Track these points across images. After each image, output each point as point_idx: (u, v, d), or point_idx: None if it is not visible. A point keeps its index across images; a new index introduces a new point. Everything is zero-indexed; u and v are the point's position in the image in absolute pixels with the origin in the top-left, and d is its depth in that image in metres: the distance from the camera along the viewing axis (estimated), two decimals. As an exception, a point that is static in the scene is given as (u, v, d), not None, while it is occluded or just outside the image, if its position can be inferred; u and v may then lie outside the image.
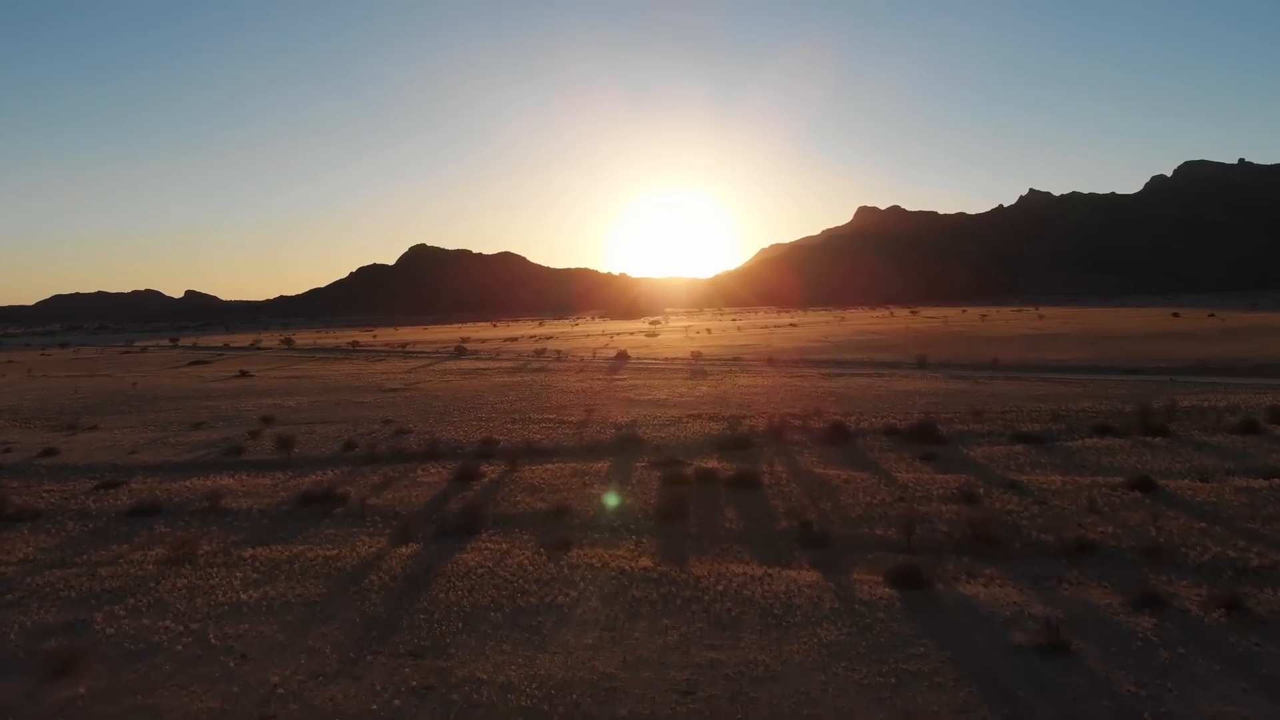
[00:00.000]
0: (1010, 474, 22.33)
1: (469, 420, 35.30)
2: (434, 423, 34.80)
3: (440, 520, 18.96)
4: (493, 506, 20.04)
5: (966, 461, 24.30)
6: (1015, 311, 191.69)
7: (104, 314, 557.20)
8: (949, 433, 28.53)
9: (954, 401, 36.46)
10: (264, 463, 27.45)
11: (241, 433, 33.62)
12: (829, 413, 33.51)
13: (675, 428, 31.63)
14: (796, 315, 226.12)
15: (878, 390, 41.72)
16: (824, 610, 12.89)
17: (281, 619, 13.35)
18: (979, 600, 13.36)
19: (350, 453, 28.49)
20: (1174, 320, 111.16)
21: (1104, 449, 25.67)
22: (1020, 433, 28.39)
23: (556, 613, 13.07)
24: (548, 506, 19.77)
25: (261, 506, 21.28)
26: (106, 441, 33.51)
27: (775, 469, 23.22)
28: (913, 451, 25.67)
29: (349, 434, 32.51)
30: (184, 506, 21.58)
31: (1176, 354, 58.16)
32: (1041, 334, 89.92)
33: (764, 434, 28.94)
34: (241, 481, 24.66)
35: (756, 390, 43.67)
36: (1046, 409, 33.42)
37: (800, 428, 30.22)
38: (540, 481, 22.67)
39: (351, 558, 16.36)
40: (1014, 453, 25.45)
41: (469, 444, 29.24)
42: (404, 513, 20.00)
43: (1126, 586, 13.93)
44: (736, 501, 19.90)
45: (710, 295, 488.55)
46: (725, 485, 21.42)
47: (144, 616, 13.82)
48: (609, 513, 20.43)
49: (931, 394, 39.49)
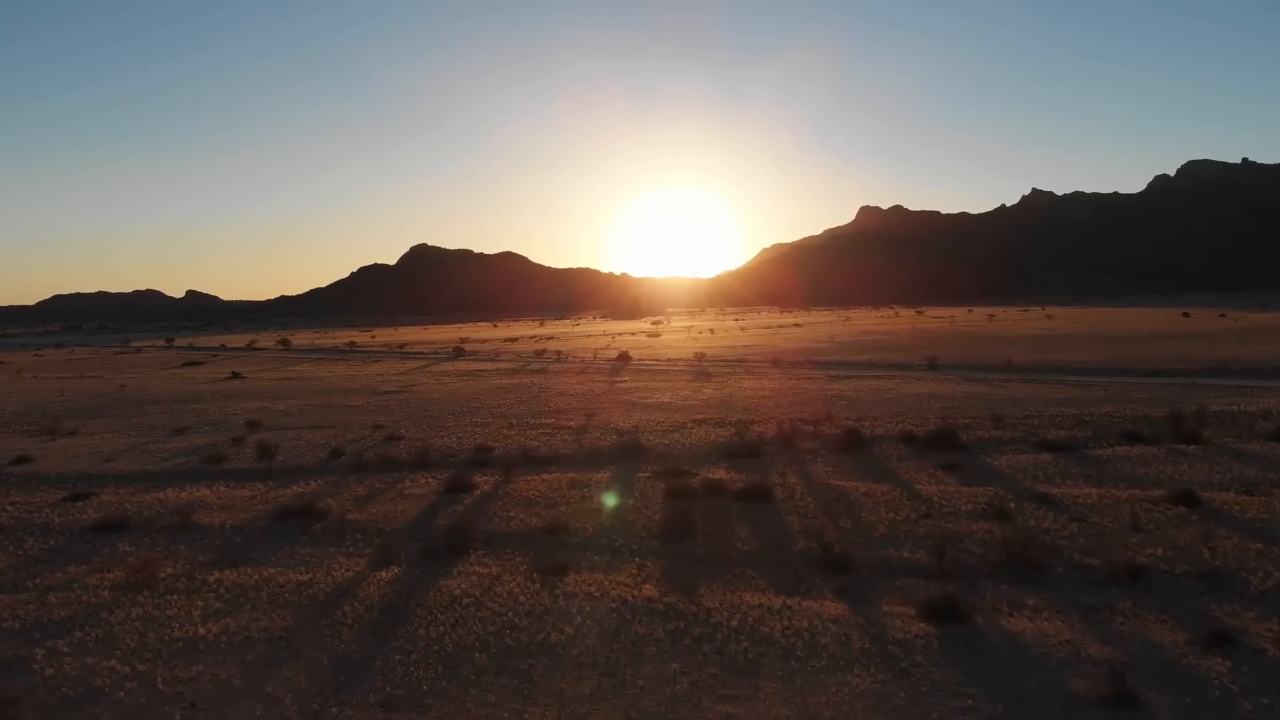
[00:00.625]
0: (1041, 486, 20.80)
1: (464, 425, 33.78)
2: (427, 428, 33.28)
3: (426, 539, 17.45)
4: (483, 523, 18.51)
5: (992, 472, 22.76)
6: (1021, 311, 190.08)
7: (104, 314, 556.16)
8: (970, 440, 26.99)
9: (971, 405, 34.92)
10: (244, 472, 25.93)
11: (225, 439, 32.12)
12: (841, 418, 31.97)
13: (680, 433, 30.11)
14: (800, 315, 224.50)
15: (890, 393, 40.17)
16: (853, 651, 11.35)
17: (240, 659, 11.83)
18: (1027, 638, 11.81)
19: (336, 461, 26.97)
20: (1185, 320, 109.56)
21: (1137, 458, 24.13)
22: (1045, 440, 26.84)
23: (549, 654, 11.53)
24: (543, 523, 18.24)
25: (235, 522, 19.76)
26: (84, 448, 32.01)
27: (788, 480, 21.67)
28: (933, 460, 24.13)
29: (337, 440, 31.00)
30: (153, 522, 20.05)
31: (1194, 355, 56.58)
32: (1051, 334, 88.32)
33: (774, 441, 27.41)
34: (218, 493, 23.16)
35: (763, 393, 42.14)
36: (1069, 414, 31.88)
37: (812, 434, 28.69)
38: (536, 494, 21.14)
39: (325, 583, 14.83)
40: (1041, 462, 23.91)
41: (462, 452, 27.72)
42: (387, 530, 18.49)
43: (1188, 620, 12.42)
44: (748, 517, 18.36)
45: (712, 295, 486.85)
46: (735, 498, 19.88)
47: (89, 653, 12.30)
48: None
49: (946, 397, 37.94)
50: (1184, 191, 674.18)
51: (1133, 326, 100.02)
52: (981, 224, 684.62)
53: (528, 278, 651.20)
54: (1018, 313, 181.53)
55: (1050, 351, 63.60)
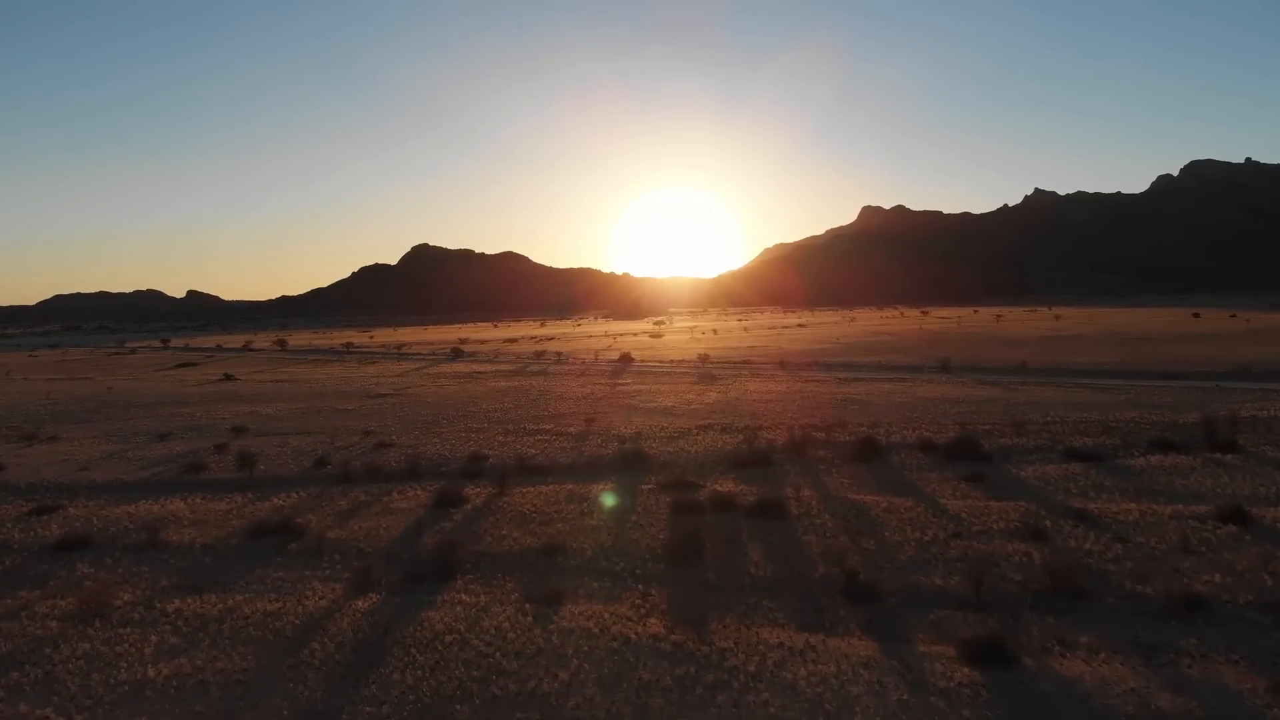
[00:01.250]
0: (1075, 501, 19.31)
1: (458, 431, 32.33)
2: (419, 434, 31.83)
3: (410, 560, 16.01)
4: (473, 542, 17.05)
5: (1020, 484, 21.28)
6: (1029, 311, 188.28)
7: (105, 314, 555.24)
8: (992, 448, 25.50)
9: (988, 410, 33.43)
10: (224, 483, 24.49)
11: (208, 445, 30.68)
12: (853, 424, 30.50)
13: (684, 440, 28.64)
14: (803, 315, 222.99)
15: (902, 397, 38.67)
16: (890, 704, 9.88)
17: (190, 708, 10.38)
18: (1085, 685, 10.34)
19: (321, 471, 25.52)
20: (1197, 321, 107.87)
21: (1172, 469, 22.63)
22: (1072, 448, 25.36)
23: (540, 706, 10.06)
24: (538, 543, 16.77)
25: (206, 540, 18.31)
26: (61, 455, 30.59)
27: (803, 494, 20.19)
28: (956, 471, 22.65)
29: (325, 447, 29.56)
30: (118, 539, 18.61)
31: (1211, 357, 55.04)
32: (1062, 335, 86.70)
33: (784, 449, 25.93)
34: (193, 506, 21.71)
35: (770, 397, 40.64)
36: (1093, 420, 30.39)
37: (824, 441, 27.21)
38: (531, 508, 19.68)
39: (295, 614, 13.38)
40: (1071, 473, 22.42)
41: (455, 460, 26.27)
42: (368, 550, 17.04)
43: (1262, 661, 10.97)
44: (761, 536, 16.89)
45: (713, 295, 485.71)
46: (746, 514, 18.41)
47: (23, 699, 10.88)
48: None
49: (962, 402, 36.45)
50: (1187, 191, 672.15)
51: (1144, 327, 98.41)
52: (984, 224, 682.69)
53: (529, 278, 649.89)
54: (1025, 313, 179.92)
55: (1063, 353, 62.06)
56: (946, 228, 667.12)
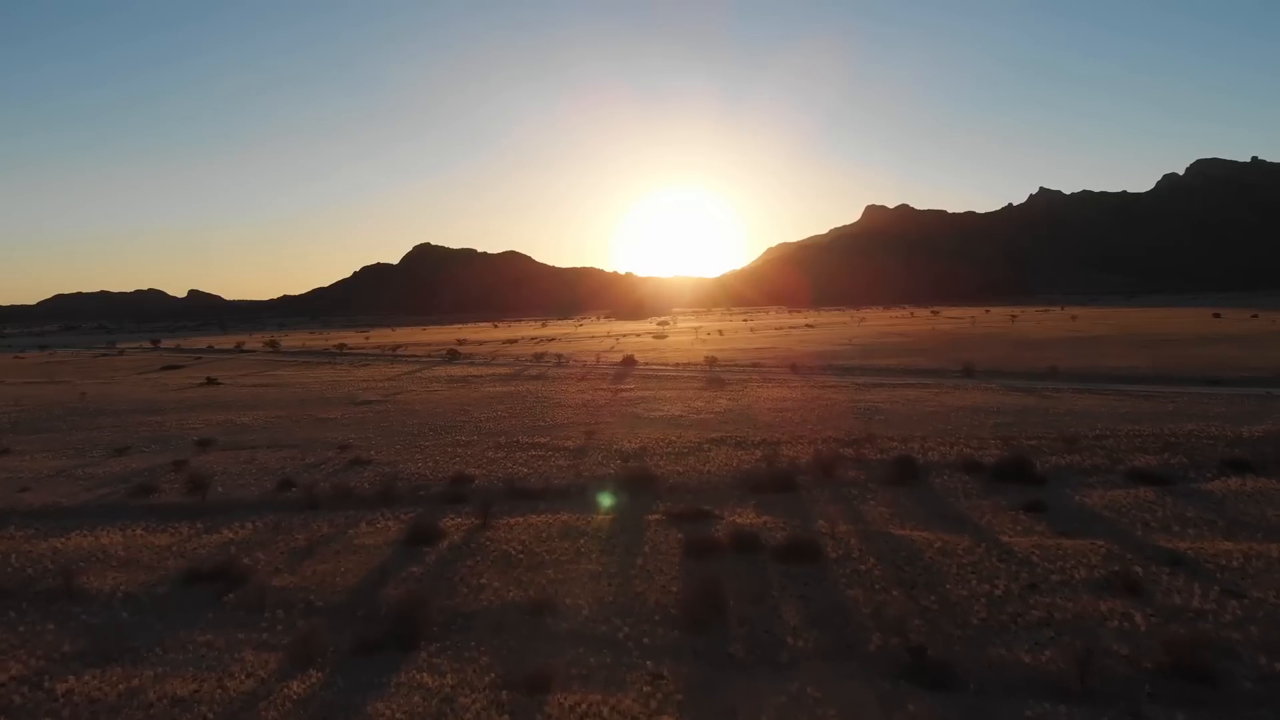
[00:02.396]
0: (1160, 538, 16.36)
1: (444, 445, 29.37)
2: (400, 449, 28.88)
3: (367, 619, 13.12)
4: (446, 594, 14.12)
5: (1088, 515, 18.32)
6: (1042, 311, 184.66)
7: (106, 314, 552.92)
8: (1045, 468, 22.54)
9: (1028, 422, 30.42)
10: (173, 509, 21.56)
11: (167, 462, 27.74)
12: (883, 437, 27.52)
13: (695, 457, 25.68)
14: (810, 315, 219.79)
15: (930, 406, 35.64)
16: None
17: None
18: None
19: (284, 494, 22.59)
20: (1218, 322, 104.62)
21: (1257, 495, 19.68)
22: (1135, 469, 22.38)
23: None
24: (524, 597, 13.84)
25: (133, 587, 15.38)
26: (6, 471, 27.71)
27: (838, 529, 17.22)
28: (1010, 498, 19.69)
29: (294, 465, 26.64)
30: (31, 585, 15.70)
31: (1246, 361, 51.97)
32: (1083, 337, 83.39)
33: (809, 469, 22.98)
34: (130, 539, 18.79)
35: (786, 405, 37.59)
36: (1148, 434, 27.41)
37: (853, 459, 24.25)
38: (519, 546, 16.73)
39: (211, 703, 10.46)
40: (1142, 500, 19.47)
41: (436, 481, 23.32)
42: (319, 603, 14.12)
43: None
44: (796, 589, 13.94)
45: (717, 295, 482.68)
46: (774, 557, 15.45)
47: None
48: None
49: (996, 411, 33.42)
50: (1193, 190, 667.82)
51: (1165, 328, 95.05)
52: (988, 223, 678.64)
53: (532, 277, 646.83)
54: (1038, 313, 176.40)
55: (1090, 356, 58.83)
56: (951, 227, 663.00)
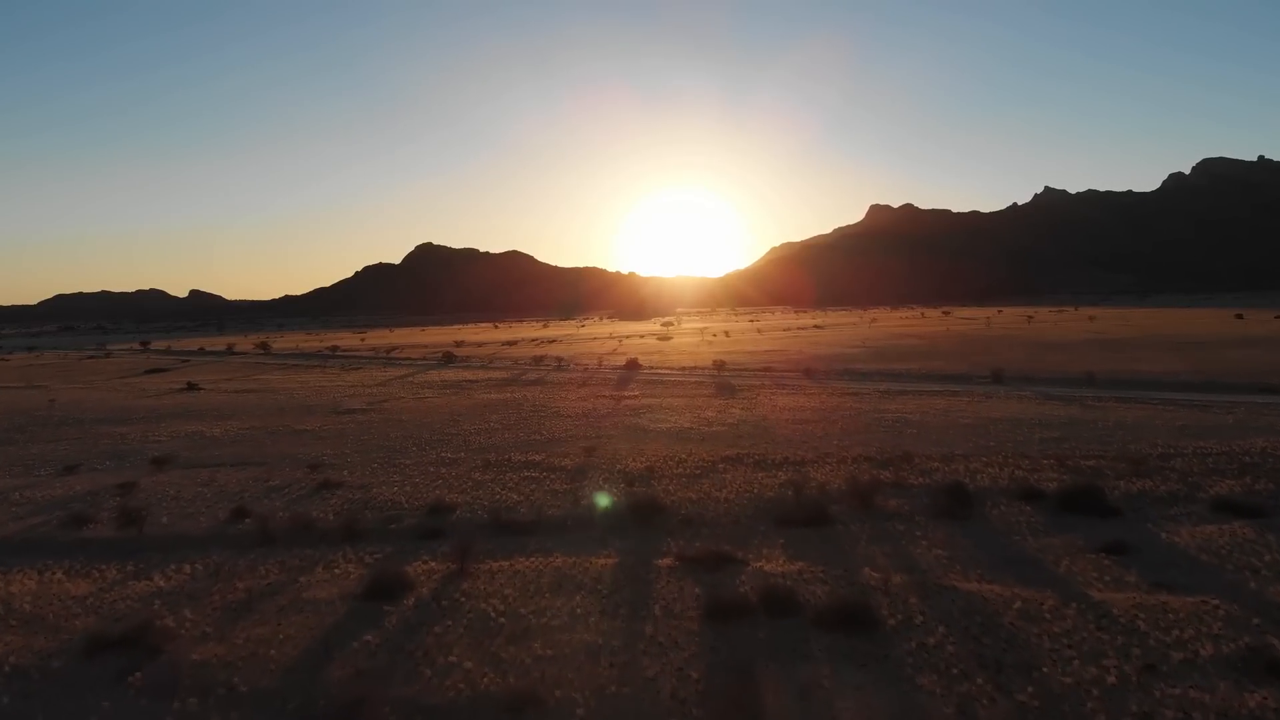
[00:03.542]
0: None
1: (426, 464, 26.28)
2: (378, 468, 25.79)
3: (298, 717, 10.03)
4: (402, 680, 11.03)
5: (1182, 559, 15.19)
6: (1056, 311, 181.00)
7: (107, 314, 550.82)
8: (1116, 496, 19.44)
9: (1079, 437, 27.28)
10: (105, 545, 18.49)
11: (114, 484, 24.66)
12: (920, 456, 24.41)
13: (709, 480, 22.58)
14: (817, 315, 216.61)
15: (965, 417, 32.51)
16: None
17: None
18: None
19: (236, 526, 19.52)
20: (1243, 323, 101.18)
21: (1381, 532, 16.56)
22: (1220, 498, 19.28)
23: None
24: (501, 687, 10.74)
25: (25, 657, 12.32)
26: (-65, 494, 24.64)
27: (891, 581, 14.08)
28: (1084, 535, 16.59)
29: (256, 488, 23.56)
30: (-107, 655, 12.61)
31: (1289, 364, 48.79)
32: (1107, 339, 79.90)
33: (843, 495, 19.88)
34: (44, 585, 15.73)
35: (805, 415, 34.44)
36: (1218, 452, 24.29)
37: (891, 483, 21.13)
38: (500, 605, 13.63)
39: None
40: (1239, 538, 16.35)
41: (411, 511, 20.23)
42: (243, 688, 11.04)
43: None
44: (849, 675, 10.82)
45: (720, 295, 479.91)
46: (817, 623, 12.35)
47: None
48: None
49: (1039, 424, 30.27)
50: (1199, 189, 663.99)
51: (1190, 330, 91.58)
52: (993, 222, 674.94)
53: (534, 277, 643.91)
54: (1052, 313, 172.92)
55: (1122, 360, 55.51)
56: (955, 226, 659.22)
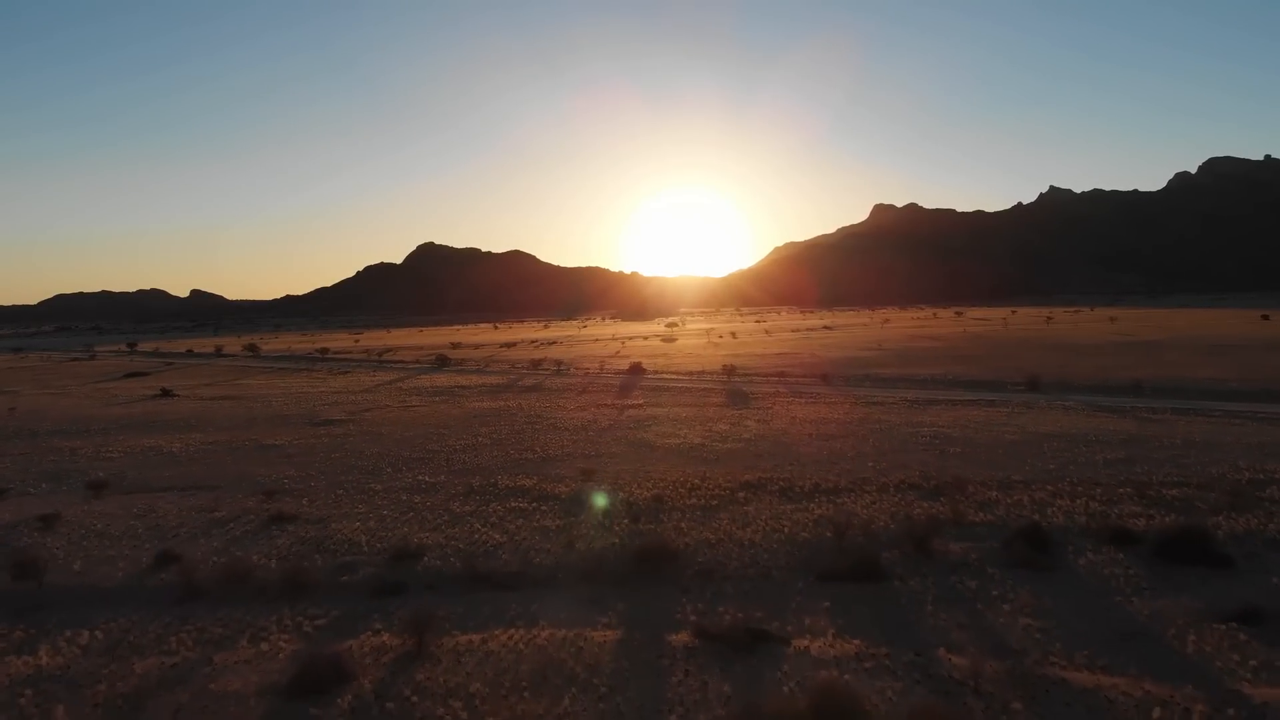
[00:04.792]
0: None
1: (399, 489, 22.78)
2: (343, 496, 22.30)
3: None
4: None
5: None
6: (1073, 312, 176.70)
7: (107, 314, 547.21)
8: (1223, 537, 15.96)
9: (1149, 459, 23.71)
10: (-9, 601, 15.05)
11: (36, 515, 21.17)
12: (973, 483, 20.90)
13: (729, 514, 19.09)
14: (824, 316, 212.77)
15: (1008, 431, 28.97)
16: None
17: None
18: None
19: (159, 575, 16.09)
20: (1273, 325, 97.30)
21: None
22: (1353, 540, 15.82)
23: None
24: None
25: None
26: None
27: (979, 669, 10.60)
28: (1201, 597, 13.13)
29: (196, 522, 20.12)
30: None
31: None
32: (1135, 342, 76.01)
33: (893, 537, 16.41)
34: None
35: (830, 429, 30.84)
36: (1322, 477, 20.76)
37: (949, 519, 17.63)
38: (464, 713, 10.16)
39: None
40: None
41: (372, 555, 16.78)
42: None
43: None
44: None
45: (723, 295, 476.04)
46: (895, 750, 8.90)
47: None
48: None
49: (1097, 441, 26.71)
50: (1205, 189, 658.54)
51: (1221, 332, 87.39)
52: (998, 222, 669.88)
53: (537, 277, 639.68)
54: (1068, 313, 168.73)
55: (1161, 365, 51.59)
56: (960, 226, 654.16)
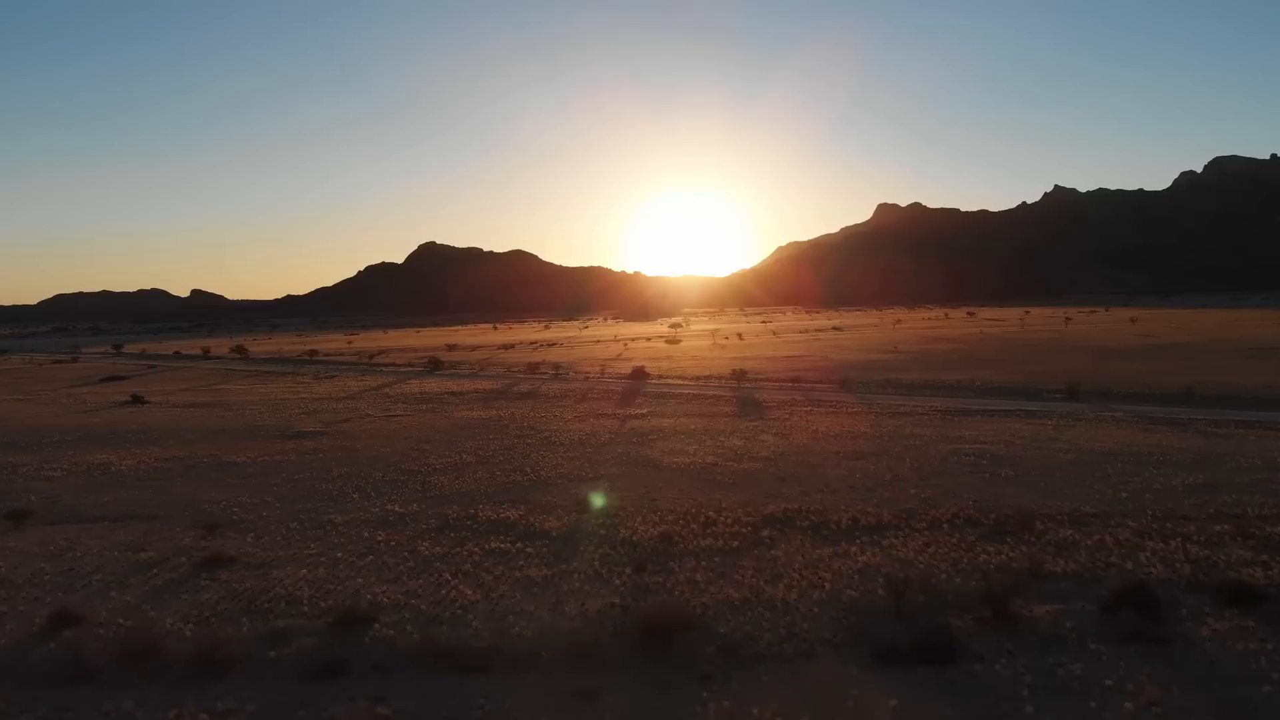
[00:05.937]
0: None
1: (363, 524, 19.49)
2: (296, 531, 19.02)
3: None
4: None
5: None
6: (1089, 313, 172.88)
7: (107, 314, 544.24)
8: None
9: (1232, 484, 20.42)
10: None
11: (-69, 553, 17.97)
12: (1041, 515, 17.62)
13: (753, 561, 15.82)
14: (832, 316, 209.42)
15: (1062, 449, 25.64)
16: None
17: None
18: None
19: (44, 648, 12.88)
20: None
21: None
22: None
23: None
24: None
25: None
26: None
27: None
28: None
29: (118, 567, 16.89)
30: None
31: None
32: (1164, 344, 72.51)
33: (963, 599, 13.16)
34: None
35: (859, 446, 27.46)
36: None
37: (1025, 569, 14.37)
38: None
39: None
40: None
41: (313, 616, 13.52)
42: None
43: None
44: None
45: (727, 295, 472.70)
46: None
47: None
48: None
49: (1165, 462, 23.40)
50: (1211, 188, 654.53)
51: (1252, 333, 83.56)
52: (1003, 221, 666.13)
53: (539, 277, 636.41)
54: (1086, 314, 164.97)
55: (1201, 369, 48.08)
56: (964, 225, 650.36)
